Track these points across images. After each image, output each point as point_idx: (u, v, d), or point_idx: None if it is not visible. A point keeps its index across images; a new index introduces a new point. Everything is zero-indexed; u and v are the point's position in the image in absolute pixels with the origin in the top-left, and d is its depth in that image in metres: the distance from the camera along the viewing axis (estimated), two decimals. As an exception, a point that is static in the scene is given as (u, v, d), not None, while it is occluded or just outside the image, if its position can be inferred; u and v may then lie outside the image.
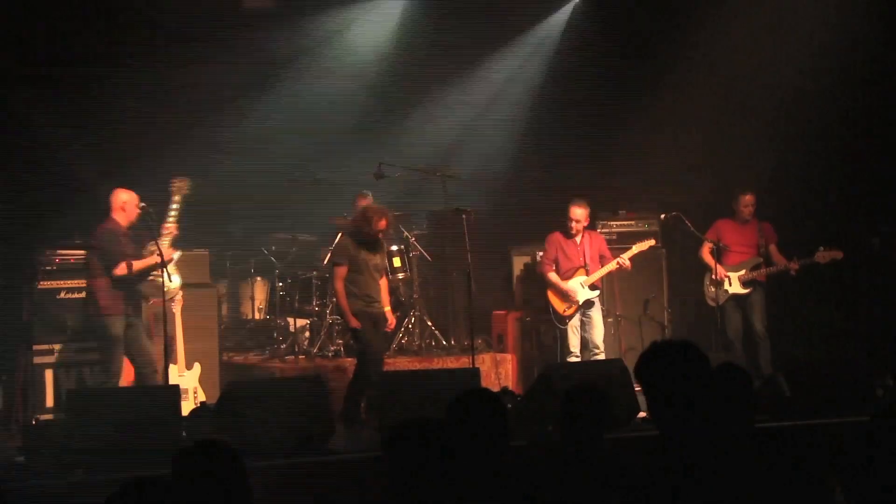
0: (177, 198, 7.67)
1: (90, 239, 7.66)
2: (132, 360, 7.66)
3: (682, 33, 9.68)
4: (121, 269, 7.49)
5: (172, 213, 7.65)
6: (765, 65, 9.61)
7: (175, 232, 7.64)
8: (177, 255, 7.71)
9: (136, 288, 7.64)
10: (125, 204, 7.59)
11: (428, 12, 10.02)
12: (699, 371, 2.89)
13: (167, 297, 7.41)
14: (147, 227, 7.49)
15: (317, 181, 9.04)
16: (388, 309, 7.87)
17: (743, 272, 8.75)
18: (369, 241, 7.62)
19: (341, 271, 7.58)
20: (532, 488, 3.17)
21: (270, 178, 9.52)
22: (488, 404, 3.23)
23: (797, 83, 9.43)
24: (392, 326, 8.18)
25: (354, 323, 7.52)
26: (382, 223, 7.59)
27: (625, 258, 8.61)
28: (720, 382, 3.19)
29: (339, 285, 7.58)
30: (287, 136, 9.92)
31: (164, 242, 7.47)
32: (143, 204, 7.56)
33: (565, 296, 8.64)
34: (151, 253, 7.47)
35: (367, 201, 8.81)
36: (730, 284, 8.76)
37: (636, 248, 8.71)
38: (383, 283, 7.90)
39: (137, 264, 7.50)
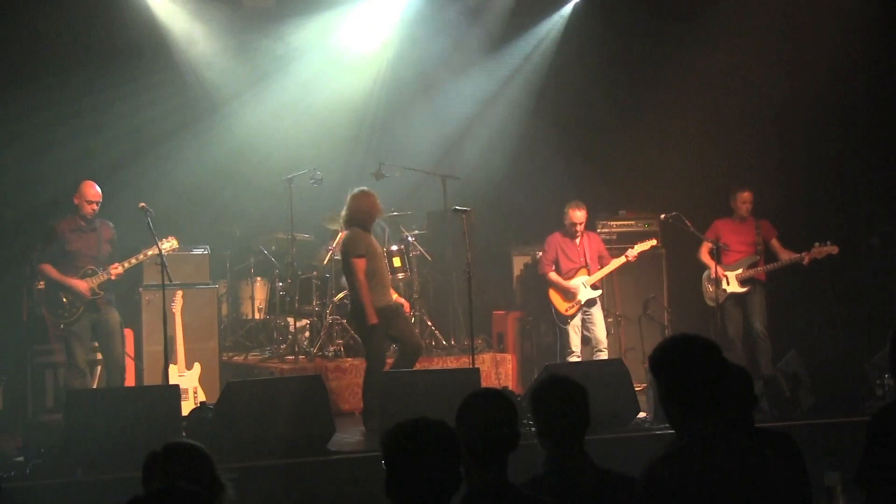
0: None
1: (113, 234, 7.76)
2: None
3: (682, 33, 9.67)
4: (116, 269, 7.52)
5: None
6: (765, 64, 9.61)
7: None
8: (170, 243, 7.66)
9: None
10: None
11: (428, 12, 10.01)
12: (719, 369, 2.86)
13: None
14: (147, 228, 7.45)
15: (317, 181, 9.00)
16: (396, 296, 7.89)
17: (740, 271, 8.73)
18: (368, 227, 7.61)
19: (362, 263, 7.37)
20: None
21: (270, 178, 9.50)
22: (500, 404, 3.17)
23: (797, 82, 9.43)
24: (409, 310, 8.24)
25: (374, 319, 7.31)
26: (376, 201, 7.57)
27: (633, 251, 8.63)
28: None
29: (363, 277, 7.34)
30: (287, 136, 9.92)
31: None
32: (142, 204, 7.54)
33: (568, 295, 8.65)
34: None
35: None
36: (728, 284, 8.74)
37: (638, 248, 8.72)
38: None
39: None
